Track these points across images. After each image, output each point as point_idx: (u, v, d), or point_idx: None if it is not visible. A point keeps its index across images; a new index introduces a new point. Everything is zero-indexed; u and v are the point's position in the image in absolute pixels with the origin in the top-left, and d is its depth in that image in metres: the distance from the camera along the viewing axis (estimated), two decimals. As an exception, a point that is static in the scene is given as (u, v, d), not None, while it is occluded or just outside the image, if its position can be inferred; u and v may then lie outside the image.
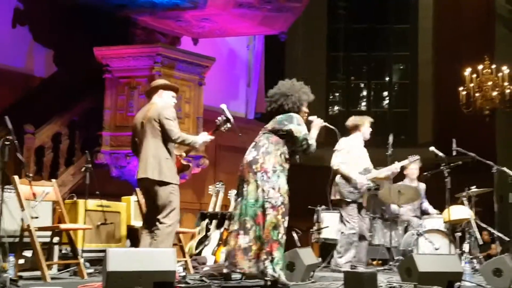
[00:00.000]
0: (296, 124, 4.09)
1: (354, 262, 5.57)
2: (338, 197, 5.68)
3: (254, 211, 3.94)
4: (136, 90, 6.90)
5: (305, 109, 4.28)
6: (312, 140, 4.15)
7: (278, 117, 4.17)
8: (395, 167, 5.83)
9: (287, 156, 4.11)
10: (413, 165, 6.83)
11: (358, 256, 5.65)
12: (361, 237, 5.72)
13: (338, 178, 5.67)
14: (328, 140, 5.63)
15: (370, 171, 5.72)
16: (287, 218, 4.00)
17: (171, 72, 6.89)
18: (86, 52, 7.04)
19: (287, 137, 4.09)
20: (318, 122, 4.34)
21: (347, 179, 5.61)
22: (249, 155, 4.10)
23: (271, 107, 4.26)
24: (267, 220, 3.92)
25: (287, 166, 4.11)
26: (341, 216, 5.72)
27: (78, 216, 5.42)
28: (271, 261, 3.88)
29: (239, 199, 4.05)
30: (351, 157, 5.67)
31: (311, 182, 8.85)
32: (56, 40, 7.67)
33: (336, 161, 5.65)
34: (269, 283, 3.95)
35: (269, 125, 4.19)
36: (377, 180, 5.87)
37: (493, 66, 9.64)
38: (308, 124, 4.30)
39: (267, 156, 4.03)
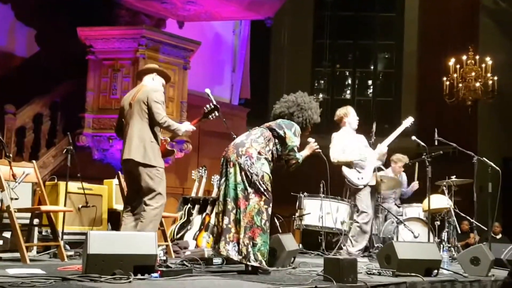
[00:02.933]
0: (292, 133, 4.14)
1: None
2: (350, 188, 5.70)
3: (236, 194, 3.95)
4: (119, 73, 6.82)
5: (309, 128, 4.34)
6: (300, 157, 4.20)
7: (280, 120, 4.23)
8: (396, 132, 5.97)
9: (275, 156, 4.14)
10: (401, 163, 6.94)
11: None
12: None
13: (343, 170, 5.71)
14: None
15: (365, 159, 5.75)
16: (270, 205, 4.02)
17: (155, 55, 6.83)
18: (70, 33, 6.93)
19: (280, 140, 4.13)
20: (313, 146, 4.36)
21: (350, 165, 5.64)
22: (238, 139, 4.14)
23: (281, 111, 4.29)
24: (249, 205, 3.93)
25: (271, 161, 4.13)
26: (355, 206, 5.76)
27: (59, 198, 5.37)
28: (253, 247, 3.90)
29: (223, 179, 4.05)
30: (346, 147, 5.71)
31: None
32: (39, 19, 7.54)
33: (333, 155, 5.71)
34: (249, 268, 3.97)
35: (269, 123, 4.23)
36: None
37: (477, 57, 9.72)
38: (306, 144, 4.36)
39: (254, 144, 4.04)
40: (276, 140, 4.14)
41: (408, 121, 6.21)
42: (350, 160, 5.65)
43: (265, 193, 3.97)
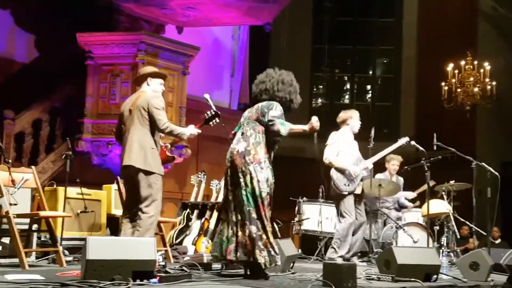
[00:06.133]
0: (269, 109, 4.10)
1: (348, 257, 5.59)
2: (335, 191, 5.67)
3: (256, 201, 3.98)
4: (119, 78, 6.83)
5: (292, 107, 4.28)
6: (283, 126, 4.04)
7: (260, 105, 4.19)
8: (388, 150, 5.93)
9: (273, 144, 4.15)
10: (394, 161, 6.91)
11: (352, 249, 5.64)
12: (357, 229, 5.71)
13: (332, 172, 5.68)
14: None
15: (362, 161, 5.73)
16: (270, 208, 4.06)
17: (154, 61, 6.83)
18: (69, 38, 6.94)
19: (267, 122, 4.11)
20: (314, 123, 4.10)
21: (341, 171, 5.62)
22: (239, 145, 4.10)
23: (261, 89, 4.22)
24: (267, 211, 4.00)
25: (272, 154, 4.15)
26: (337, 211, 5.71)
27: (58, 204, 5.37)
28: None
29: (235, 189, 4.04)
30: (341, 150, 5.70)
31: (292, 173, 8.90)
32: (38, 24, 7.55)
33: (328, 155, 5.68)
34: (249, 272, 3.97)
35: (253, 114, 4.19)
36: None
37: (475, 62, 9.75)
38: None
39: (258, 147, 4.05)
40: (268, 128, 4.11)
41: (403, 140, 6.06)
42: (343, 167, 5.63)
43: (268, 196, 4.03)
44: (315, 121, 4.11)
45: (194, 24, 8.30)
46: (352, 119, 5.85)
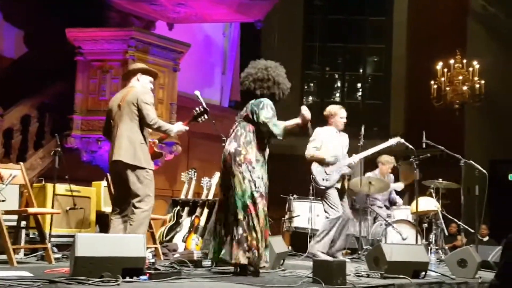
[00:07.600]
0: (260, 109, 4.05)
1: (333, 251, 5.59)
2: (315, 187, 5.67)
3: (244, 203, 3.94)
4: (108, 74, 6.80)
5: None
6: (277, 128, 4.00)
7: (250, 103, 4.15)
8: (376, 149, 5.91)
9: (265, 143, 4.12)
10: (387, 165, 6.95)
11: (337, 244, 5.65)
12: (343, 225, 5.69)
13: (312, 167, 5.66)
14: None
15: (338, 159, 5.69)
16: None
17: (145, 57, 6.80)
18: (59, 34, 6.89)
19: (260, 123, 4.09)
20: (306, 114, 4.06)
21: (320, 164, 5.60)
22: (230, 146, 4.07)
23: (251, 87, 4.16)
24: (259, 209, 3.95)
25: (267, 153, 4.13)
26: (324, 205, 5.71)
27: (47, 200, 5.33)
28: (265, 248, 3.97)
29: (226, 190, 4.04)
30: (323, 145, 5.69)
31: (284, 171, 8.91)
32: (28, 20, 7.49)
33: (308, 150, 5.68)
34: (238, 270, 3.98)
35: (244, 113, 4.17)
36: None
37: (464, 61, 9.80)
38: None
39: (248, 146, 4.02)
40: (259, 126, 4.07)
41: (394, 140, 5.99)
42: (323, 157, 5.62)
43: (265, 195, 4.02)
44: (305, 111, 4.06)
45: (185, 20, 8.28)
46: (334, 116, 5.80)
